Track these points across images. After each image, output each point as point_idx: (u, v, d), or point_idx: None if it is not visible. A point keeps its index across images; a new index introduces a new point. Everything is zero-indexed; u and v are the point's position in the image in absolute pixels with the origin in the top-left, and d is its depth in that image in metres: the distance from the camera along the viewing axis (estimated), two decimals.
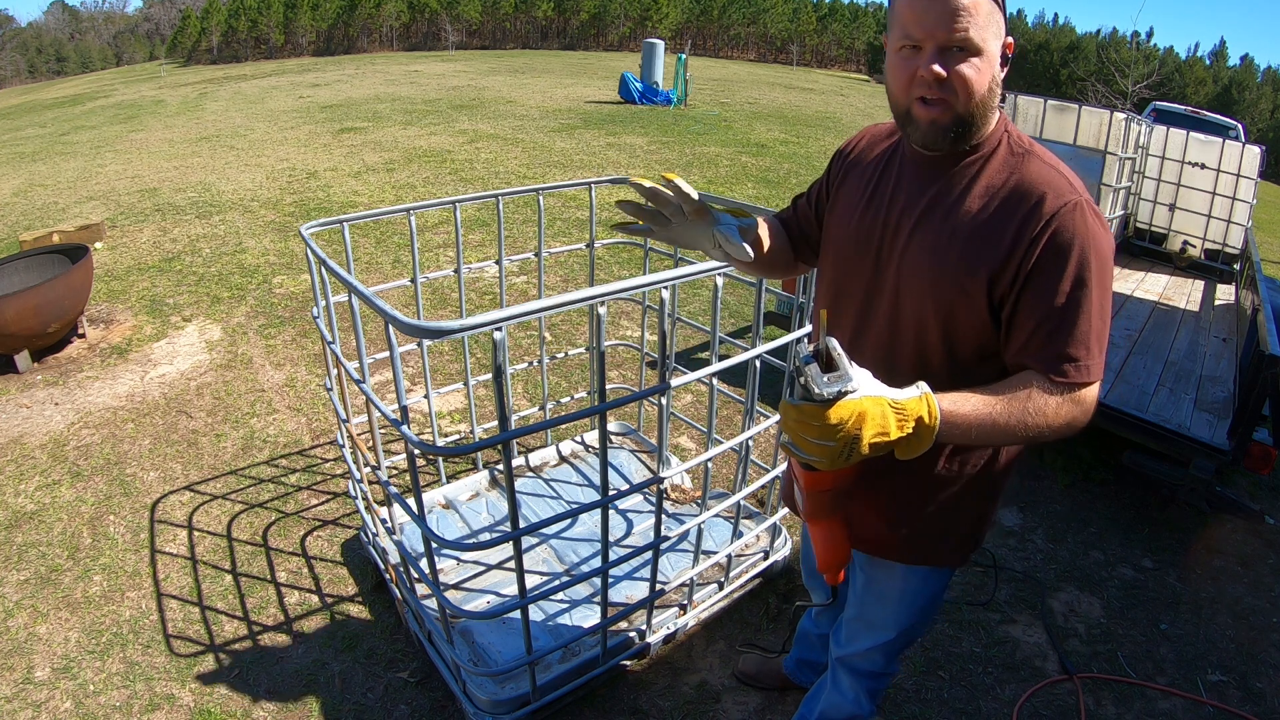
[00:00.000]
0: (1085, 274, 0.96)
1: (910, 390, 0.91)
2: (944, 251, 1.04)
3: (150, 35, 63.99)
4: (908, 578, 1.29)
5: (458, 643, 1.91)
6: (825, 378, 0.88)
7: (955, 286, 1.03)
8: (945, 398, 0.93)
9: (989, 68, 0.97)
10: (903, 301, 1.09)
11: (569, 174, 8.47)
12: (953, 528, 1.23)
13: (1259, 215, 6.40)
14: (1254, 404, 2.48)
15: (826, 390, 0.86)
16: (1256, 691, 2.14)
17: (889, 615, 1.34)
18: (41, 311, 3.59)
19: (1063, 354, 0.97)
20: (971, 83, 0.97)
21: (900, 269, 1.09)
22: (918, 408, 0.89)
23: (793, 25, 55.96)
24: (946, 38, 0.95)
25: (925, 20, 0.96)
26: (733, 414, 3.44)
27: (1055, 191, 0.98)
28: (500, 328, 1.34)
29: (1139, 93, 25.19)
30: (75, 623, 2.20)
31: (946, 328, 1.06)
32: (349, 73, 22.44)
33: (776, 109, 16.55)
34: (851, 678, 1.48)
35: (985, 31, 0.95)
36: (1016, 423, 0.95)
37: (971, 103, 0.98)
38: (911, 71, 0.99)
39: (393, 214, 2.23)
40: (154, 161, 9.10)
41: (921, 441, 0.91)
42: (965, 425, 0.93)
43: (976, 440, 0.96)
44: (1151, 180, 5.31)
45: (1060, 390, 0.97)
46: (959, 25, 0.94)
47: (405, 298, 4.62)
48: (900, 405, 0.89)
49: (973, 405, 0.94)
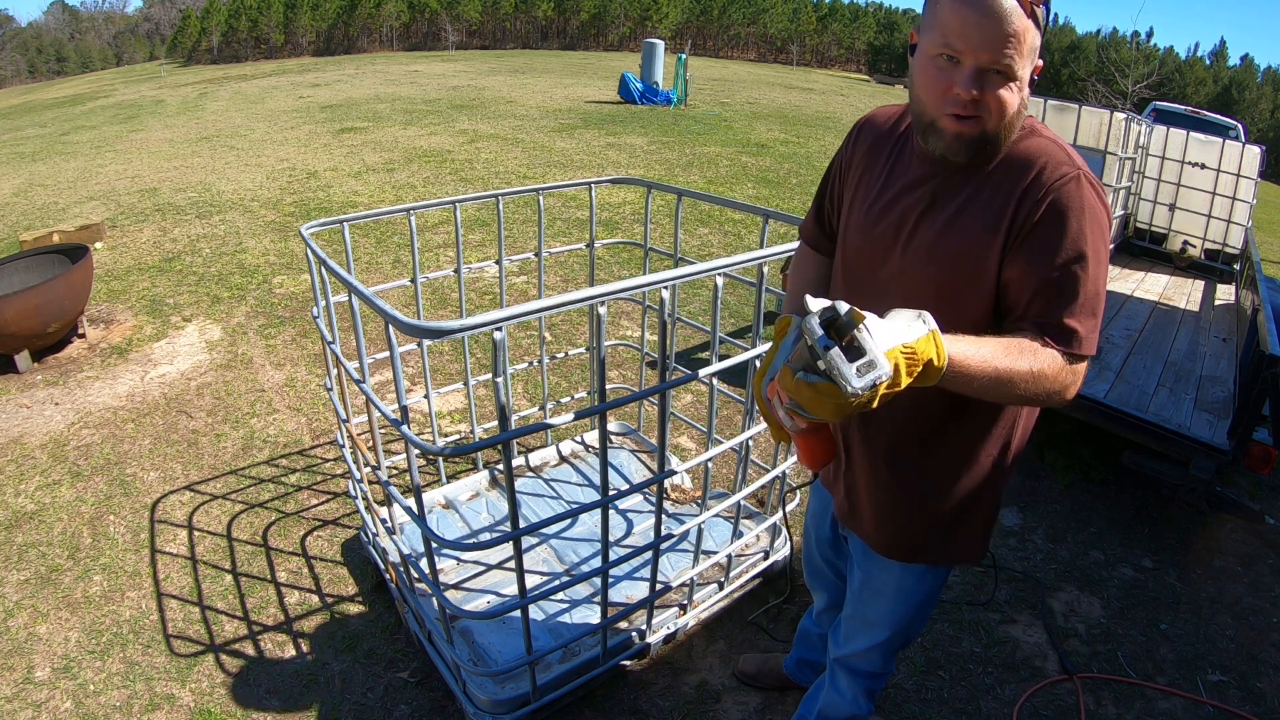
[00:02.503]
0: (1084, 245, 0.97)
1: (918, 327, 0.84)
2: (949, 239, 1.05)
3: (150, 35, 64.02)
4: (904, 576, 1.29)
5: (458, 643, 1.91)
6: (854, 367, 0.79)
7: (959, 271, 1.04)
8: (955, 342, 0.88)
9: (1021, 91, 0.98)
10: (910, 293, 1.09)
11: (569, 174, 8.47)
12: (953, 527, 1.23)
13: (1259, 215, 6.40)
14: (1254, 404, 2.48)
15: (857, 384, 0.78)
16: (1256, 691, 2.14)
17: (885, 613, 1.35)
18: (41, 311, 3.59)
19: (1062, 324, 0.97)
20: (1006, 105, 0.97)
21: (908, 258, 1.10)
22: (926, 349, 0.84)
23: (793, 25, 55.99)
24: (991, 60, 0.94)
25: (972, 37, 0.94)
26: (733, 414, 3.44)
27: (1054, 162, 0.99)
28: (500, 328, 1.34)
29: (1139, 93, 25.22)
30: (75, 623, 2.20)
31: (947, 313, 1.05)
32: (349, 73, 22.45)
33: (776, 109, 16.54)
34: (850, 678, 1.48)
35: (1026, 59, 0.95)
36: (1018, 380, 0.94)
37: (1002, 123, 0.98)
38: (946, 85, 0.97)
39: (393, 214, 2.23)
40: (154, 161, 9.10)
41: (927, 380, 0.86)
42: (970, 371, 0.90)
43: (976, 391, 0.93)
44: (1151, 180, 5.31)
45: (1059, 357, 0.97)
46: (1006, 51, 0.93)
47: (405, 298, 4.62)
48: (910, 349, 0.83)
49: (980, 354, 0.91)
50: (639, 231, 6.10)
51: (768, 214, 2.14)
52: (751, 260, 1.69)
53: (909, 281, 1.10)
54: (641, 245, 2.67)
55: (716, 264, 1.63)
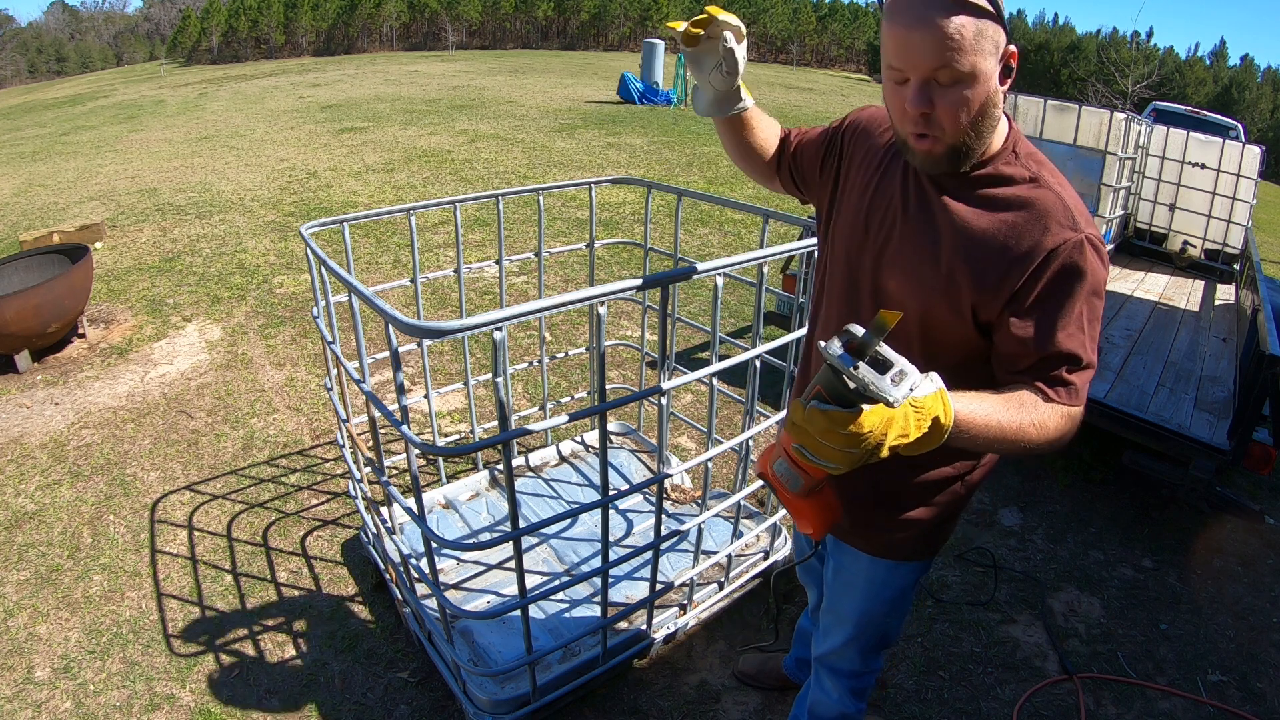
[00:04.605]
0: (1084, 309, 0.98)
1: (925, 385, 0.83)
2: (933, 260, 1.04)
3: (150, 35, 64.04)
4: (873, 568, 1.30)
5: (458, 643, 1.91)
6: (887, 378, 0.78)
7: (942, 296, 1.03)
8: (959, 399, 0.88)
9: (982, 88, 0.93)
10: (886, 302, 1.10)
11: (569, 174, 8.47)
12: (916, 523, 1.24)
13: (1259, 215, 6.40)
14: (1254, 404, 2.48)
15: (896, 393, 0.78)
16: (1256, 691, 2.14)
17: (854, 607, 1.36)
18: (41, 311, 3.59)
19: (1062, 378, 0.99)
20: (959, 114, 0.94)
21: (888, 268, 1.09)
22: (934, 406, 0.83)
23: (793, 25, 56.01)
24: (932, 70, 0.91)
25: (908, 52, 0.92)
26: (733, 414, 3.44)
27: (1059, 224, 0.97)
28: (500, 328, 1.34)
29: (1139, 93, 25.22)
30: (75, 623, 2.20)
31: (927, 334, 1.07)
32: (349, 73, 22.45)
33: (776, 109, 16.54)
34: (833, 678, 1.49)
35: (974, 55, 0.90)
36: (1021, 434, 0.95)
37: (960, 131, 0.96)
38: (901, 105, 0.96)
39: (393, 214, 2.23)
40: (154, 161, 9.10)
41: (933, 440, 0.85)
42: (974, 429, 0.90)
43: (981, 445, 0.93)
44: (1151, 180, 5.31)
45: (1059, 408, 0.98)
46: (943, 58, 0.90)
47: (405, 298, 4.62)
48: (919, 404, 0.82)
49: (984, 412, 0.91)
50: (639, 231, 6.10)
51: (768, 214, 2.14)
52: (751, 260, 1.69)
53: (884, 294, 1.10)
54: (641, 245, 2.67)
55: (716, 264, 1.63)
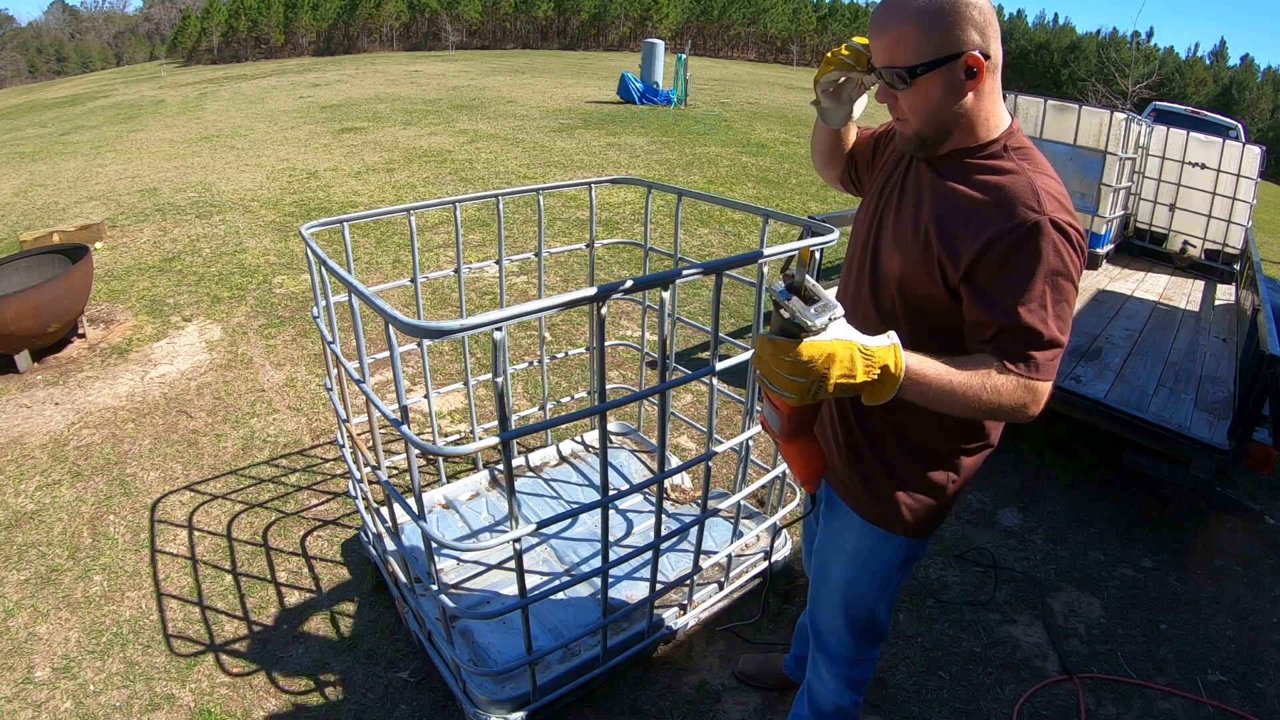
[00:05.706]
0: (1044, 287, 1.00)
1: (880, 339, 0.95)
2: (914, 227, 1.11)
3: (150, 35, 64.05)
4: (864, 535, 1.32)
5: (458, 643, 1.91)
6: (811, 308, 0.90)
7: (918, 257, 1.10)
8: (913, 355, 0.97)
9: (927, 91, 1.03)
10: (880, 281, 1.18)
11: (569, 174, 8.47)
12: (910, 495, 1.25)
13: (1259, 215, 6.40)
14: (1254, 404, 2.48)
15: (816, 321, 0.89)
16: (1256, 691, 2.14)
17: (842, 573, 1.38)
18: (41, 311, 3.59)
19: (1020, 350, 1.01)
20: (916, 104, 1.05)
21: (884, 244, 1.18)
22: (885, 356, 0.94)
23: (793, 25, 56.02)
24: (883, 67, 1.05)
25: (875, 53, 1.07)
26: (733, 414, 3.44)
27: (1024, 206, 1.00)
28: (500, 328, 1.34)
29: (1139, 93, 25.21)
30: (75, 623, 2.20)
31: (907, 299, 1.14)
32: (349, 73, 22.45)
33: (776, 109, 16.55)
34: (829, 665, 1.49)
35: (918, 60, 1.01)
36: (973, 395, 1.00)
37: (922, 122, 1.07)
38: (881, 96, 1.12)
39: (393, 214, 2.23)
40: (154, 161, 9.10)
41: (885, 389, 0.95)
42: (926, 384, 0.98)
43: (934, 402, 1.00)
44: (1151, 180, 5.31)
45: (1016, 378, 1.01)
46: (888, 59, 1.03)
47: (405, 298, 4.62)
48: (869, 351, 0.93)
49: (936, 369, 0.99)
50: (639, 231, 6.10)
51: (768, 214, 2.14)
52: (751, 260, 1.69)
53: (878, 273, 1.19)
54: (641, 245, 2.67)
55: (716, 264, 1.63)
